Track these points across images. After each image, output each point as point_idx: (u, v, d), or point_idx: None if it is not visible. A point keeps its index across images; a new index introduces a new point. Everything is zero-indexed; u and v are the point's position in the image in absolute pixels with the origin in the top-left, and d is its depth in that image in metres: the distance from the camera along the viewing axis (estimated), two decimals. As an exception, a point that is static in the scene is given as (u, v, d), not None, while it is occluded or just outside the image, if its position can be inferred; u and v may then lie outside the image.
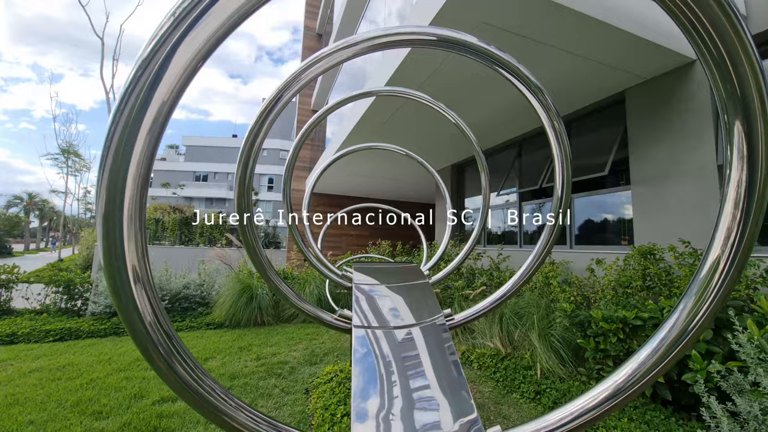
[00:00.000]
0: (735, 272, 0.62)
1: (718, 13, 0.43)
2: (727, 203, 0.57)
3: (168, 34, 0.39)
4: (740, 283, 2.57)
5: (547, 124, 1.11)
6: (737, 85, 0.47)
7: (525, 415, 2.44)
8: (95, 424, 2.26)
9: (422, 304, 1.74)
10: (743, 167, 0.53)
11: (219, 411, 0.74)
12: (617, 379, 0.81)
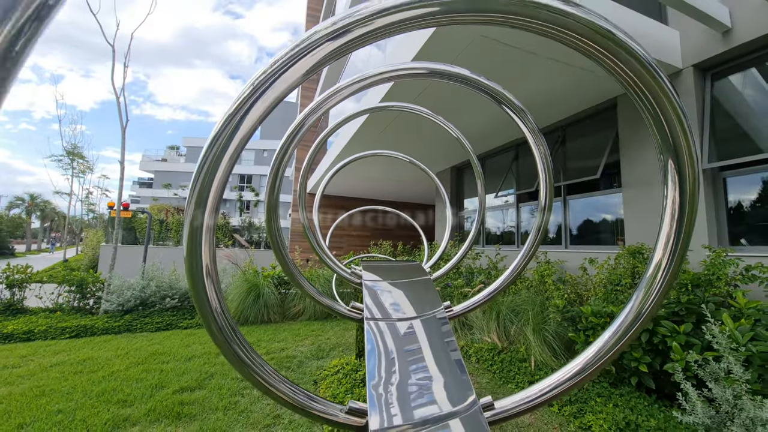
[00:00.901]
0: (674, 270, 0.83)
1: (653, 85, 0.62)
2: (666, 216, 0.78)
3: (247, 97, 0.60)
4: (720, 280, 2.76)
5: (530, 139, 1.32)
6: (669, 136, 0.66)
7: (519, 403, 2.62)
8: (121, 411, 2.44)
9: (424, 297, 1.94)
10: (676, 190, 0.73)
11: (267, 382, 0.95)
12: (587, 356, 1.03)
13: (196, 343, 4.08)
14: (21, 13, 0.22)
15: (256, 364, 1.01)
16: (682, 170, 0.73)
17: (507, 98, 1.21)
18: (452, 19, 0.50)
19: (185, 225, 0.79)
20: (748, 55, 3.49)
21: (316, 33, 0.53)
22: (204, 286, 0.85)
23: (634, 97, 0.63)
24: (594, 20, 0.51)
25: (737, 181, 3.54)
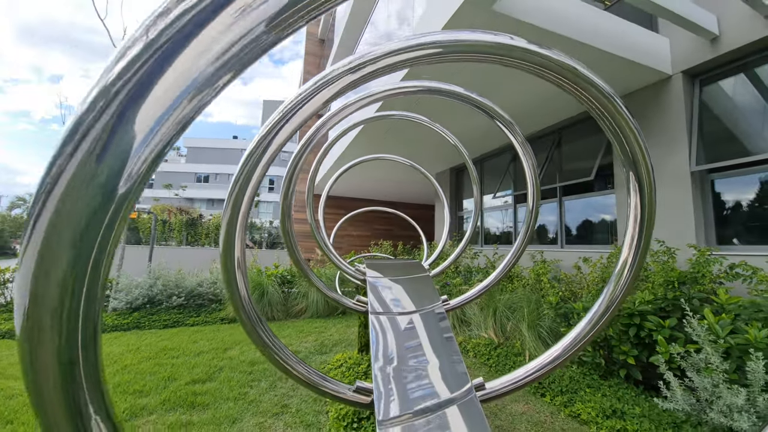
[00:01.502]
0: (638, 266, 0.99)
1: (612, 109, 0.77)
2: (630, 220, 0.94)
3: (276, 122, 0.76)
4: (705, 278, 2.90)
5: (520, 150, 1.48)
6: (630, 154, 0.81)
7: (514, 395, 2.76)
8: (138, 400, 2.59)
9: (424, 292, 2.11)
10: (637, 197, 0.89)
11: (287, 363, 1.11)
12: (565, 343, 1.19)
13: (203, 339, 4.22)
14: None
15: (278, 347, 1.19)
16: (641, 180, 0.90)
17: (497, 112, 1.38)
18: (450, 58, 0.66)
19: (222, 226, 0.96)
20: (735, 61, 3.64)
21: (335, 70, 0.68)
22: (236, 277, 1.02)
23: (599, 120, 0.79)
24: (563, 60, 0.67)
25: (725, 182, 3.68)
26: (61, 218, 0.23)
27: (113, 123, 0.24)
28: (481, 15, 2.95)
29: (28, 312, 0.24)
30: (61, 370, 0.27)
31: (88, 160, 0.23)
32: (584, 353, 3.02)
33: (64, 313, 0.25)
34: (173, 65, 0.25)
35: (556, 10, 3.19)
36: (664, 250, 3.35)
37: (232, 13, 0.26)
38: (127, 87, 0.24)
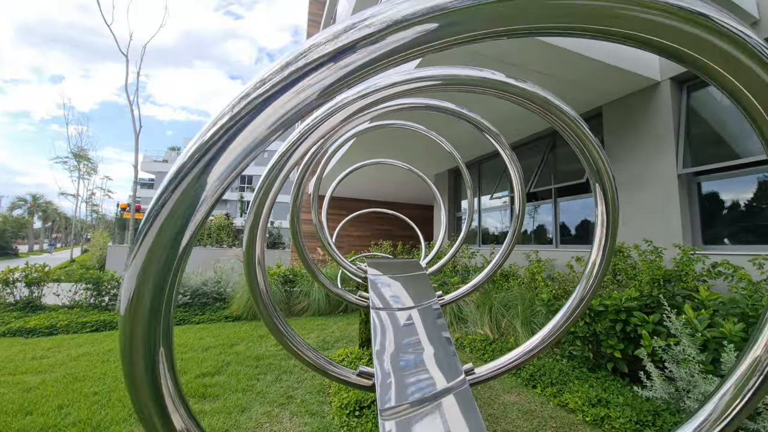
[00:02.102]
0: (605, 265, 1.15)
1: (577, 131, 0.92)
2: (597, 225, 1.10)
3: (294, 142, 0.91)
4: (688, 276, 3.05)
5: (507, 160, 1.64)
6: (595, 168, 0.97)
7: (507, 386, 2.92)
8: (152, 392, 2.74)
9: (421, 289, 2.26)
10: (603, 204, 1.05)
11: (298, 349, 1.26)
12: (543, 333, 1.36)
13: (209, 336, 4.37)
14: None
15: (291, 335, 1.35)
16: (605, 190, 1.06)
17: (485, 125, 1.54)
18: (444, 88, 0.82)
19: (246, 230, 1.12)
20: (720, 68, 3.79)
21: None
22: (256, 272, 1.19)
23: (568, 140, 0.95)
24: (535, 91, 0.83)
25: (711, 185, 3.83)
26: (162, 230, 0.36)
27: (203, 166, 0.37)
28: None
29: (131, 305, 0.36)
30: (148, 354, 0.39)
31: (186, 192, 0.37)
32: (574, 348, 3.18)
33: (154, 306, 0.38)
34: (245, 131, 0.39)
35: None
36: (652, 250, 3.50)
37: (293, 92, 0.40)
38: (217, 145, 0.38)
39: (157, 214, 0.34)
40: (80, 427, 2.26)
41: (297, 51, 0.37)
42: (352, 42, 0.35)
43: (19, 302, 5.66)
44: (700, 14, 0.34)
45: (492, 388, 2.90)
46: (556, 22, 0.35)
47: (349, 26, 0.35)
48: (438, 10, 0.33)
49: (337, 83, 0.37)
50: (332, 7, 13.51)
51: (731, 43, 0.35)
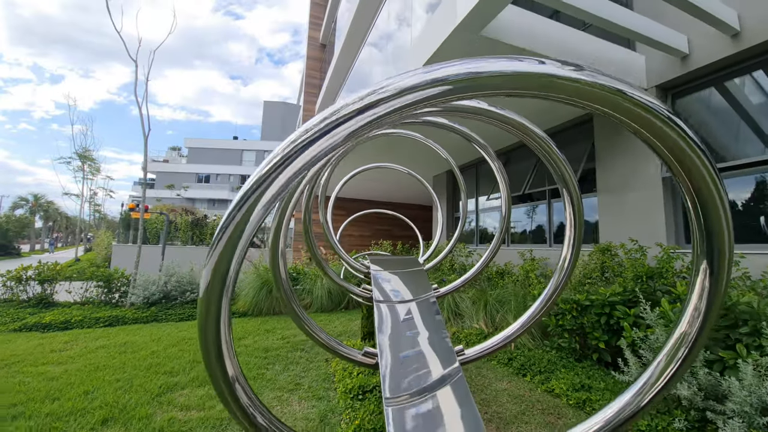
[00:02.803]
0: (574, 260, 1.38)
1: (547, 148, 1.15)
2: (567, 226, 1.33)
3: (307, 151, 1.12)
4: (668, 272, 3.27)
5: (494, 167, 1.86)
6: (563, 178, 1.19)
7: (499, 375, 3.14)
8: (170, 379, 2.95)
9: (418, 283, 2.48)
10: (572, 206, 1.27)
11: (312, 330, 1.50)
12: (523, 320, 1.58)
13: (218, 330, 4.58)
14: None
15: (305, 318, 1.59)
16: (572, 195, 1.29)
17: (474, 138, 1.76)
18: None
19: (271, 230, 1.35)
20: (704, 77, 4.01)
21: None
22: (278, 263, 1.42)
23: (540, 155, 1.17)
24: (513, 117, 1.06)
25: (694, 187, 4.05)
26: (230, 239, 0.57)
27: (259, 194, 0.58)
28: (471, 39, 3.32)
29: (207, 289, 0.58)
30: (216, 339, 0.62)
31: (247, 213, 0.58)
32: (562, 340, 3.40)
33: (221, 290, 0.60)
34: (289, 167, 0.60)
35: (540, 34, 3.56)
36: (637, 249, 3.72)
37: (327, 138, 0.62)
38: (270, 177, 0.59)
39: (226, 227, 0.54)
40: (107, 409, 2.47)
41: (332, 109, 0.59)
42: (371, 103, 0.55)
43: (32, 299, 5.87)
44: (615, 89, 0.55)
45: (485, 377, 3.12)
46: (518, 89, 0.56)
47: (370, 92, 0.56)
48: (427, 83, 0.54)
49: (359, 130, 0.58)
50: (333, 11, 13.72)
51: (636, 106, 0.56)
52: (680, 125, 0.58)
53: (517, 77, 0.54)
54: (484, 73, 0.54)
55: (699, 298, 0.87)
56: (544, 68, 0.54)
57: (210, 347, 0.65)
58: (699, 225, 0.71)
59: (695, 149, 0.61)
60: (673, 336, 1.00)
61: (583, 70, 0.57)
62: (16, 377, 3.16)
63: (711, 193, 0.66)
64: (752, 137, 3.67)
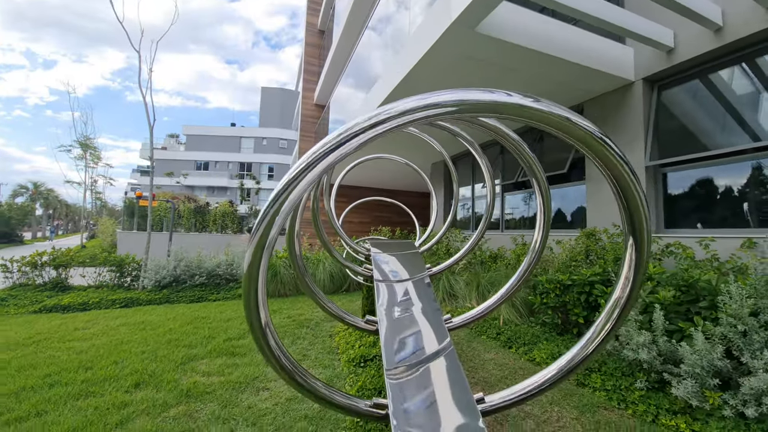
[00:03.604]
0: (543, 243, 1.67)
1: (515, 146, 1.42)
2: (538, 212, 1.60)
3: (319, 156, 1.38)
4: (674, 255, 3.55)
5: (481, 161, 2.11)
6: (533, 170, 1.45)
7: (487, 347, 3.45)
8: (190, 351, 3.26)
9: (414, 264, 2.76)
10: (541, 197, 1.54)
11: (322, 301, 1.79)
12: (501, 293, 1.89)
13: (228, 310, 4.90)
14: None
15: (317, 291, 1.90)
16: (541, 187, 1.56)
17: (461, 134, 2.00)
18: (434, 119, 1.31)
19: (290, 219, 1.62)
20: (688, 70, 4.20)
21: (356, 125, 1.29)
22: (294, 243, 1.72)
23: (515, 154, 1.43)
24: (489, 121, 1.29)
25: (675, 176, 4.29)
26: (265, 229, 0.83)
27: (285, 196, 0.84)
28: (466, 36, 3.50)
29: (250, 266, 0.85)
30: (254, 286, 0.89)
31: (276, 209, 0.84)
32: (546, 316, 3.71)
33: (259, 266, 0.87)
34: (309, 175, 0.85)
35: (532, 30, 3.73)
36: (619, 233, 4.00)
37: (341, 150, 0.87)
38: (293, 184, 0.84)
39: (263, 219, 0.81)
40: (138, 375, 2.78)
41: (346, 126, 0.83)
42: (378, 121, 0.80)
43: (48, 283, 6.16)
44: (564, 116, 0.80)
45: (475, 349, 3.44)
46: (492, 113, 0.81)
47: (376, 113, 0.80)
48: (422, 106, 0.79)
49: (367, 141, 0.83)
50: (332, -3, 13.57)
51: (578, 128, 0.82)
52: (609, 143, 0.84)
53: (492, 105, 0.79)
54: (468, 101, 0.80)
55: (629, 268, 1.15)
56: (515, 99, 0.79)
57: (251, 302, 0.93)
58: (625, 211, 0.98)
59: (619, 159, 0.87)
60: (610, 301, 1.29)
61: (540, 102, 0.83)
62: (46, 352, 3.46)
63: (631, 190, 0.92)
64: (735, 127, 3.88)
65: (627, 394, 2.41)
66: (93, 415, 2.21)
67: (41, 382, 2.76)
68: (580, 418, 2.21)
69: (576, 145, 0.86)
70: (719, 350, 2.18)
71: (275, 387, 2.62)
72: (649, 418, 2.19)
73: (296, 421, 2.17)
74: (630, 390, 2.44)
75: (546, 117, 0.83)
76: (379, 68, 6.89)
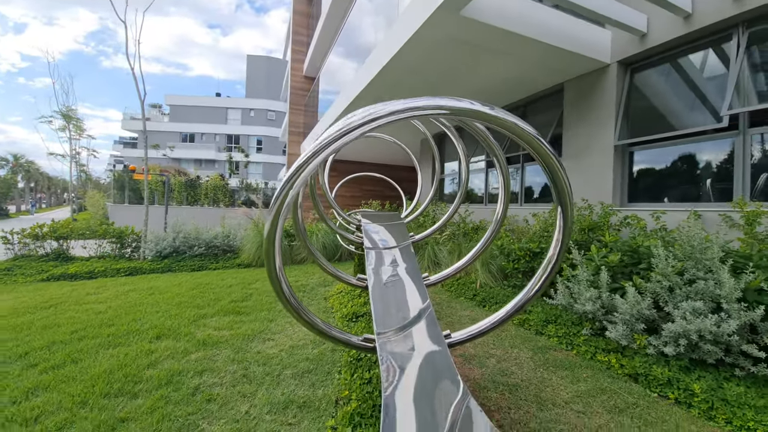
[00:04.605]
0: (503, 214, 2.06)
1: (486, 136, 1.77)
2: (500, 188, 1.98)
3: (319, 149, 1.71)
4: (605, 225, 4.00)
5: (456, 142, 2.46)
6: (494, 151, 1.79)
7: (464, 307, 3.93)
8: (199, 311, 3.65)
9: (399, 233, 3.13)
10: (502, 177, 1.91)
11: (321, 262, 2.17)
12: (468, 257, 2.31)
13: (229, 278, 5.27)
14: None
15: (317, 255, 2.30)
16: (502, 169, 1.93)
17: (441, 121, 2.31)
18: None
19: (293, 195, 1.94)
20: (659, 54, 4.48)
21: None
22: (298, 213, 2.09)
23: (481, 141, 1.79)
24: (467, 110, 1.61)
25: (640, 154, 4.69)
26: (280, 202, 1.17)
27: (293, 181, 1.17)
28: (451, 19, 3.69)
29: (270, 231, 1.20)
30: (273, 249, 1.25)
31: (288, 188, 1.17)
32: (517, 280, 4.18)
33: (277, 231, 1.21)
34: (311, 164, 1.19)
35: (515, 14, 3.93)
36: (586, 206, 4.43)
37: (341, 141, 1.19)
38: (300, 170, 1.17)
39: (279, 195, 1.15)
40: (157, 330, 3.16)
41: (345, 120, 1.16)
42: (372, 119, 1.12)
43: (50, 254, 6.40)
44: (512, 122, 1.13)
45: (454, 308, 3.92)
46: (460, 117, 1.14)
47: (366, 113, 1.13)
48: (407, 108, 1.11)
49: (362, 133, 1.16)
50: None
51: (523, 130, 1.16)
52: (543, 141, 1.18)
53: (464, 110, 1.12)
54: (445, 106, 1.12)
55: (559, 232, 1.54)
56: (475, 106, 1.12)
57: (270, 254, 1.28)
58: (554, 188, 1.34)
59: (548, 151, 1.21)
60: (545, 259, 1.69)
61: (495, 109, 1.15)
62: (66, 314, 3.80)
63: (558, 174, 1.27)
64: (696, 110, 4.22)
65: (574, 339, 2.91)
66: (125, 359, 2.60)
67: (69, 337, 3.11)
68: (533, 357, 2.71)
69: (519, 142, 1.19)
70: (647, 302, 2.65)
71: (279, 338, 3.05)
72: (588, 356, 2.70)
73: (299, 361, 2.60)
74: (577, 336, 2.94)
75: (501, 121, 1.15)
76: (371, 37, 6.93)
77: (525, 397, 2.18)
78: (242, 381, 2.33)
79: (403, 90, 5.90)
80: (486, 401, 2.12)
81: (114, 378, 2.32)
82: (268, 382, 2.31)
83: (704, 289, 2.44)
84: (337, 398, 2.16)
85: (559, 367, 2.56)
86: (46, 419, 1.94)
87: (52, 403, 2.07)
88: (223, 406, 2.06)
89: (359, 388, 2.15)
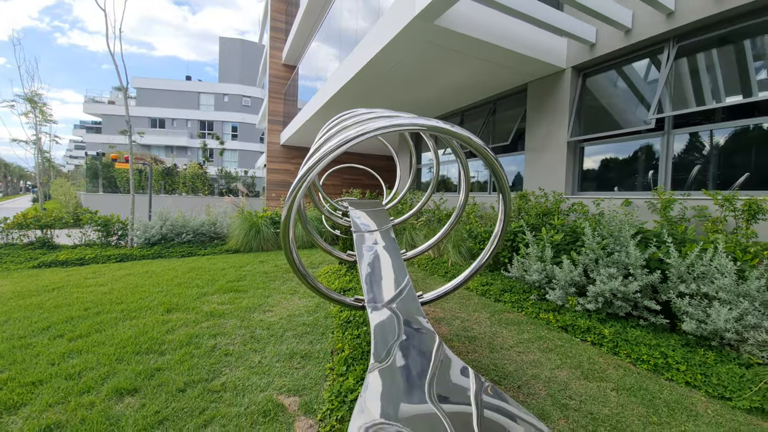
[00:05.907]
0: (465, 201, 2.64)
1: (451, 144, 2.30)
2: (462, 179, 2.56)
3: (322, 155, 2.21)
4: (556, 211, 4.68)
5: (428, 140, 3.01)
6: (456, 153, 2.32)
7: (438, 282, 4.53)
8: (200, 290, 4.04)
9: (381, 219, 3.65)
10: (463, 170, 2.46)
11: (317, 241, 2.69)
12: (436, 238, 2.90)
13: (220, 262, 5.63)
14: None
15: (314, 235, 2.83)
16: (462, 162, 2.49)
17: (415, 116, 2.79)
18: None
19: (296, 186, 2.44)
20: (606, 62, 5.14)
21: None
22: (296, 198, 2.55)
23: (444, 141, 2.34)
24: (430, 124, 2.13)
25: (590, 149, 5.39)
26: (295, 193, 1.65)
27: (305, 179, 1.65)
28: (426, 27, 4.15)
29: (286, 217, 1.69)
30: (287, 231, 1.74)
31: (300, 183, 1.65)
32: (482, 258, 4.82)
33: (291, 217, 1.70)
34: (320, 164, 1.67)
35: (482, 23, 4.43)
36: (542, 195, 5.10)
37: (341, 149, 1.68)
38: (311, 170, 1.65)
39: (294, 188, 1.65)
40: (166, 305, 3.55)
41: (342, 137, 1.65)
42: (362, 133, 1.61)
43: (35, 243, 6.46)
44: (466, 136, 1.65)
45: (428, 284, 4.51)
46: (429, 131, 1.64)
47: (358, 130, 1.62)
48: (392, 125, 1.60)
49: (352, 145, 1.65)
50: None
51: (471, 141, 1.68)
52: (488, 150, 1.71)
53: (433, 127, 1.62)
54: (417, 124, 1.61)
55: (502, 214, 2.09)
56: (435, 123, 1.62)
57: (286, 230, 1.77)
58: (495, 177, 1.87)
59: (490, 154, 1.74)
60: (491, 236, 2.26)
61: (453, 126, 1.69)
62: (72, 295, 4.06)
63: (496, 167, 1.80)
64: (635, 111, 4.93)
65: (523, 303, 3.57)
66: (144, 328, 3.00)
67: (84, 313, 3.44)
68: (490, 318, 3.33)
69: (466, 144, 1.70)
70: (579, 270, 3.32)
71: (277, 310, 3.52)
72: (533, 316, 3.35)
73: (297, 326, 3.10)
74: (526, 301, 3.60)
75: (456, 135, 1.65)
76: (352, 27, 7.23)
77: (481, 345, 2.78)
78: (251, 341, 2.80)
79: (385, 85, 6.32)
80: (452, 348, 2.71)
81: (140, 341, 2.73)
82: (273, 341, 2.80)
83: (618, 259, 3.12)
84: (332, 350, 2.68)
85: (509, 324, 3.19)
86: (88, 374, 2.35)
87: (90, 362, 2.47)
88: (239, 358, 2.53)
89: (350, 341, 2.68)
